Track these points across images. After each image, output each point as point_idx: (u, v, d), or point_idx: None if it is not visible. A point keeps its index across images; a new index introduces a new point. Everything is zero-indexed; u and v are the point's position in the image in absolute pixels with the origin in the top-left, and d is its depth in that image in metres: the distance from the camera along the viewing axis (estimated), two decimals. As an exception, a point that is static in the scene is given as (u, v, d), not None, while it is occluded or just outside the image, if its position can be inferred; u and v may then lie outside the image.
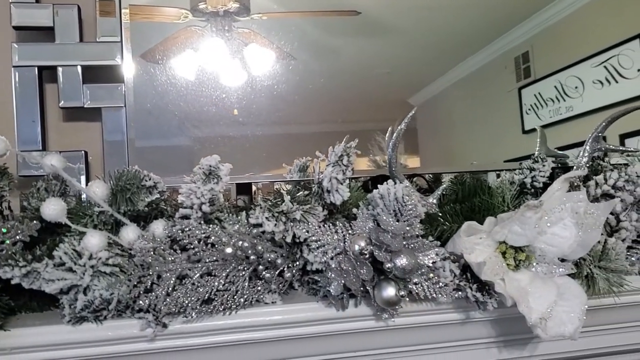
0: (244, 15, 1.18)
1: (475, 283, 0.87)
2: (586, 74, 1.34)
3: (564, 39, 1.38)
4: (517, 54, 1.35)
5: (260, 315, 0.87)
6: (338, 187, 0.86)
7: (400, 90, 1.30)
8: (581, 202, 0.87)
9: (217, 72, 1.14)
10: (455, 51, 1.32)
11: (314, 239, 0.85)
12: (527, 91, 1.36)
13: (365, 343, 0.93)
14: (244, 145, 1.12)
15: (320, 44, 1.24)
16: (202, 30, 1.16)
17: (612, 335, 1.02)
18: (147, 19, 1.14)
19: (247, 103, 1.13)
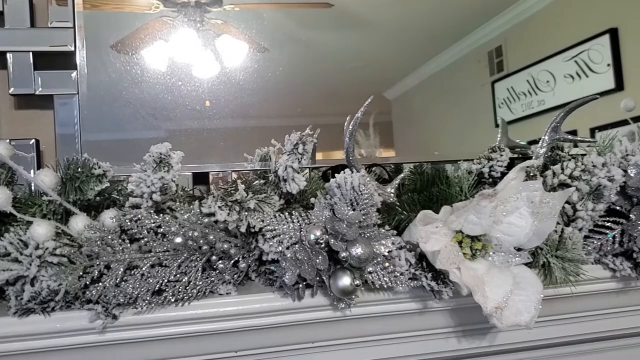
0: (216, 6, 1.16)
1: (431, 272, 0.87)
2: (557, 68, 1.34)
3: (536, 34, 1.38)
4: (490, 48, 1.36)
5: (214, 306, 0.85)
6: (294, 176, 0.85)
7: (375, 84, 1.29)
8: (537, 191, 0.87)
9: (187, 63, 1.12)
10: (429, 45, 1.32)
11: (269, 228, 0.84)
12: (500, 85, 1.37)
13: (323, 333, 0.92)
14: (202, 135, 1.10)
15: (294, 36, 1.22)
16: (174, 21, 1.14)
17: (570, 325, 1.03)
18: (117, 9, 1.12)
19: (215, 93, 1.11)
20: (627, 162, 0.95)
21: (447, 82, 1.33)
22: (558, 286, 0.95)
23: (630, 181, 0.93)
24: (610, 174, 0.92)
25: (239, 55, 1.17)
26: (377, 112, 1.25)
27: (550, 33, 1.39)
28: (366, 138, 1.25)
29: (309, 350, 0.93)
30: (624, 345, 1.08)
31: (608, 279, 0.99)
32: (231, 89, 1.13)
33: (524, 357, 1.06)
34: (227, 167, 1.00)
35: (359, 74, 1.27)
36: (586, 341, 1.06)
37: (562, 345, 1.07)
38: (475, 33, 1.35)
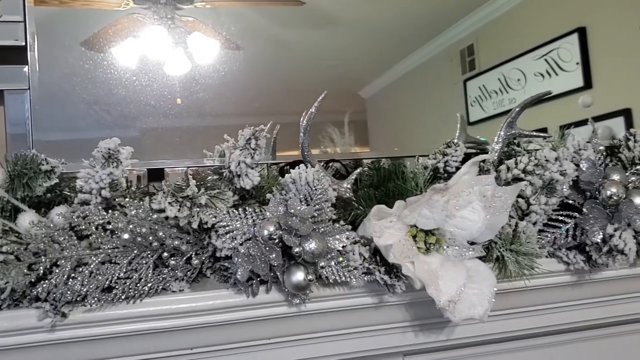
0: (187, 3, 1.15)
1: (384, 266, 0.87)
2: (528, 66, 1.36)
3: (506, 32, 1.40)
4: (462, 47, 1.37)
5: (166, 303, 0.84)
6: (247, 171, 0.84)
7: (350, 83, 1.30)
8: (489, 185, 0.88)
9: (157, 61, 1.11)
10: (403, 44, 1.33)
11: (222, 224, 0.83)
12: (472, 83, 1.38)
13: (280, 329, 0.92)
14: (157, 131, 1.09)
15: (267, 35, 1.23)
16: (144, 18, 1.12)
17: (526, 318, 1.04)
18: (86, 5, 1.11)
19: (172, 89, 1.10)
20: (579, 156, 0.96)
21: (421, 80, 1.34)
22: (513, 280, 0.96)
23: (583, 175, 0.95)
24: (562, 168, 0.93)
25: (210, 53, 1.16)
26: (352, 111, 1.26)
27: (521, 32, 1.41)
28: (341, 136, 1.25)
29: (266, 346, 0.93)
30: (579, 339, 1.10)
31: (562, 272, 1.00)
32: (192, 85, 1.12)
33: (481, 351, 1.07)
34: (183, 164, 0.99)
35: (334, 72, 1.27)
36: (542, 334, 1.08)
37: (519, 339, 1.08)
38: (448, 32, 1.36)
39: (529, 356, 1.10)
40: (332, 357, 0.96)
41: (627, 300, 1.07)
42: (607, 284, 1.04)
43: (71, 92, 1.04)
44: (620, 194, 0.94)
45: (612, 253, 0.93)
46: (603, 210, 0.95)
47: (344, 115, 1.25)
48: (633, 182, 0.99)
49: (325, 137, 1.23)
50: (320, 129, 1.23)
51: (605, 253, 0.94)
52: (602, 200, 0.95)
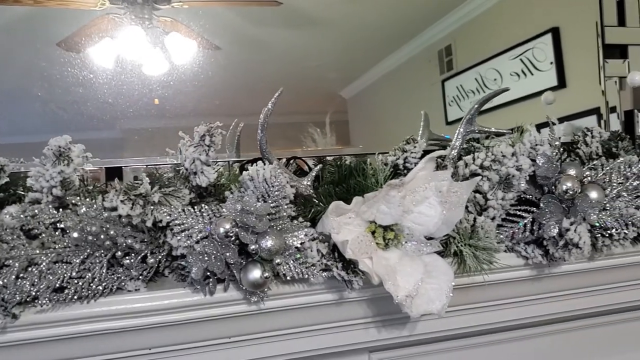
0: (164, 3, 1.14)
1: (342, 262, 0.87)
2: (504, 66, 1.37)
3: (483, 33, 1.41)
4: (440, 48, 1.37)
5: (121, 303, 0.83)
6: (203, 168, 0.84)
7: (330, 83, 1.30)
8: (444, 180, 0.89)
9: (135, 61, 1.11)
10: (382, 45, 1.34)
11: (177, 222, 0.83)
12: (449, 83, 1.39)
13: (240, 328, 0.91)
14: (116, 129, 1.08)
15: (247, 35, 1.23)
16: (121, 18, 1.11)
17: (488, 313, 1.04)
18: (62, 5, 1.10)
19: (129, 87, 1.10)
20: (536, 151, 0.97)
21: (400, 81, 1.34)
22: (473, 274, 0.97)
23: (539, 170, 0.96)
24: (518, 163, 0.94)
25: (188, 53, 1.16)
26: (333, 111, 1.26)
27: (497, 32, 1.42)
28: (323, 136, 1.25)
29: (226, 345, 0.92)
30: (540, 333, 1.11)
31: (521, 267, 1.01)
32: (170, 86, 1.11)
33: (447, 346, 1.08)
34: (142, 162, 0.98)
35: (315, 72, 1.27)
36: (504, 329, 1.09)
37: (482, 334, 1.08)
38: (426, 32, 1.37)
39: (493, 351, 1.12)
40: (295, 354, 0.96)
41: (586, 294, 1.08)
42: (566, 278, 1.05)
43: (29, 90, 1.03)
44: (576, 188, 0.95)
45: (568, 247, 0.94)
46: (559, 204, 0.96)
47: (325, 116, 1.25)
48: (589, 177, 1.00)
49: (307, 137, 1.23)
50: (302, 129, 1.23)
51: (561, 247, 0.95)
52: (559, 194, 0.96)
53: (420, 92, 1.41)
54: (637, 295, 1.12)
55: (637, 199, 1.00)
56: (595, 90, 1.36)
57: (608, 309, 1.12)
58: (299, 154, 1.09)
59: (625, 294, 1.11)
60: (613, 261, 1.06)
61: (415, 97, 1.38)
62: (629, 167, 1.02)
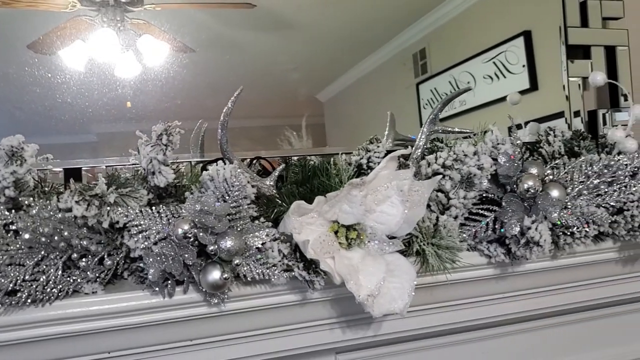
0: (137, 5, 1.13)
1: (304, 262, 0.86)
2: (477, 69, 1.38)
3: (457, 36, 1.41)
4: (415, 51, 1.38)
5: (78, 306, 0.82)
6: (161, 168, 0.83)
7: (307, 86, 1.29)
8: (406, 179, 0.89)
9: (107, 63, 1.10)
10: (357, 48, 1.34)
11: (134, 223, 0.81)
12: (424, 86, 1.39)
13: (202, 330, 0.90)
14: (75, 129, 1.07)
15: (223, 38, 1.22)
16: (93, 20, 1.10)
17: (452, 312, 1.04)
18: (31, 6, 1.08)
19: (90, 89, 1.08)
20: (497, 150, 0.98)
21: (376, 84, 1.34)
22: (436, 274, 0.97)
23: (500, 169, 0.96)
24: (479, 162, 0.94)
25: (161, 56, 1.15)
26: (309, 114, 1.25)
27: (471, 35, 1.43)
28: (299, 139, 1.24)
29: (188, 348, 0.91)
30: (504, 333, 1.12)
31: (485, 266, 1.01)
32: (143, 88, 1.10)
33: (410, 347, 1.08)
34: (102, 163, 0.97)
35: (291, 76, 1.27)
36: (469, 329, 1.09)
37: (448, 334, 1.09)
38: (401, 36, 1.37)
39: (459, 351, 1.12)
40: (260, 356, 0.95)
41: (550, 293, 1.09)
42: (529, 276, 1.06)
43: (14, 96, 1.02)
44: (537, 187, 0.96)
45: (529, 245, 0.95)
46: (521, 203, 0.97)
47: (301, 119, 1.25)
48: (550, 176, 1.00)
49: (283, 140, 1.23)
50: (278, 132, 1.23)
51: (523, 245, 0.95)
52: (520, 193, 0.96)
53: (395, 95, 1.41)
54: (600, 293, 1.13)
55: (598, 198, 1.01)
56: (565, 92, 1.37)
57: (571, 307, 1.13)
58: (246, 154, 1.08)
59: (588, 292, 1.12)
60: (575, 259, 1.07)
61: (391, 100, 1.39)
62: (590, 166, 1.03)
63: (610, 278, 1.13)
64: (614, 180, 1.01)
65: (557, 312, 1.14)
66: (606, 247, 1.09)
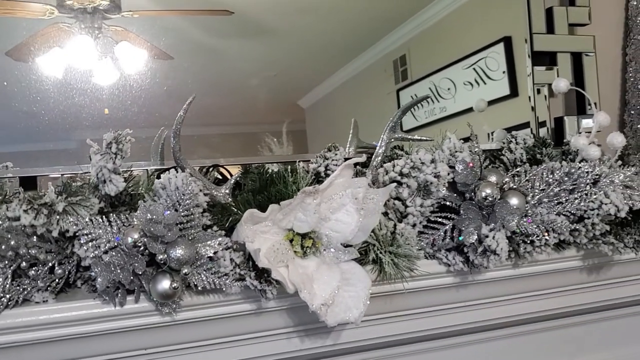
0: (114, 13, 1.13)
1: (256, 271, 0.86)
2: (458, 76, 1.38)
3: (437, 43, 1.41)
4: (395, 57, 1.38)
5: (28, 315, 0.81)
6: (111, 176, 0.82)
7: (288, 93, 1.30)
8: (360, 187, 0.89)
9: (84, 71, 1.10)
10: (338, 55, 1.34)
11: (84, 232, 0.81)
12: (404, 93, 1.39)
13: (156, 339, 0.90)
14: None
15: (202, 45, 1.22)
16: (71, 27, 1.10)
17: (412, 321, 1.04)
18: (8, 13, 1.08)
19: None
20: (455, 158, 0.97)
21: (357, 90, 1.35)
22: (394, 282, 0.96)
23: (458, 177, 0.96)
24: (436, 170, 0.94)
25: (138, 62, 1.15)
26: (290, 121, 1.25)
27: (451, 42, 1.43)
28: (280, 146, 1.24)
29: (142, 357, 0.91)
30: (466, 342, 1.11)
31: (444, 274, 1.01)
32: (120, 96, 1.11)
33: (370, 356, 1.07)
34: (58, 171, 0.96)
35: (272, 82, 1.27)
36: (430, 338, 1.08)
37: (409, 344, 1.08)
38: (381, 42, 1.37)
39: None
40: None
41: (511, 302, 1.08)
42: (490, 285, 1.05)
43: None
44: (495, 195, 0.96)
45: (486, 253, 0.94)
46: (478, 211, 0.96)
47: (281, 125, 1.25)
48: (509, 184, 1.00)
49: (264, 147, 1.22)
50: (259, 139, 1.22)
51: (480, 254, 0.95)
52: (478, 201, 0.96)
53: (376, 101, 1.41)
54: (564, 302, 1.13)
55: (559, 205, 1.00)
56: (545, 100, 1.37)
57: (535, 316, 1.13)
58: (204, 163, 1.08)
59: (552, 300, 1.11)
60: (537, 268, 1.07)
61: (372, 106, 1.39)
62: (551, 174, 1.03)
63: (574, 287, 1.12)
64: (575, 188, 1.01)
65: (520, 321, 1.13)
66: (569, 256, 1.08)
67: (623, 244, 1.03)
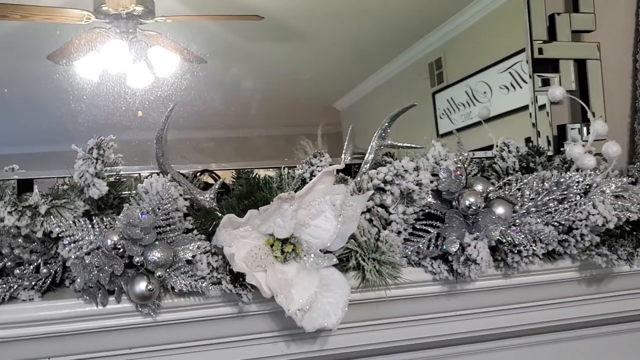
0: (148, 18, 1.17)
1: (230, 275, 0.87)
2: (493, 79, 1.36)
3: (473, 46, 1.40)
4: (430, 60, 1.38)
5: (13, 312, 0.85)
6: (94, 181, 0.85)
7: (323, 96, 1.31)
8: (339, 194, 0.89)
9: (119, 74, 1.15)
10: (373, 58, 1.35)
11: (67, 233, 0.84)
12: (440, 96, 1.38)
13: (140, 340, 0.92)
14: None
15: (234, 48, 1.25)
16: (107, 32, 1.15)
17: (400, 329, 1.03)
18: (48, 19, 1.13)
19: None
20: (439, 166, 0.97)
21: (392, 93, 1.34)
22: (378, 289, 0.96)
23: (441, 185, 0.96)
24: (418, 178, 0.94)
25: (172, 66, 1.19)
26: (325, 123, 1.27)
27: (487, 45, 1.42)
28: (315, 148, 1.25)
29: (127, 356, 0.93)
30: (456, 353, 1.10)
31: (430, 282, 1.00)
32: (154, 99, 1.15)
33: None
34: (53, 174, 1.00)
35: (306, 85, 1.29)
36: (419, 347, 1.07)
37: (397, 352, 1.08)
38: (417, 45, 1.37)
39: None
40: (200, 368, 0.97)
41: (503, 312, 1.06)
42: (481, 294, 1.04)
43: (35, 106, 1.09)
44: (479, 203, 0.94)
45: (467, 262, 0.93)
46: (462, 220, 0.95)
47: (317, 128, 1.26)
48: (495, 192, 0.99)
49: (299, 149, 1.24)
50: (293, 141, 1.24)
51: (462, 263, 0.94)
52: (462, 209, 0.95)
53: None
54: (560, 314, 1.10)
55: (548, 215, 0.98)
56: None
57: (527, 328, 1.10)
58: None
59: (546, 312, 1.09)
60: (529, 278, 1.04)
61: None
62: (541, 183, 1.01)
63: (569, 299, 1.09)
64: (565, 197, 0.99)
65: (512, 334, 1.11)
66: (563, 267, 1.06)
67: (617, 255, 1.00)
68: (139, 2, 1.17)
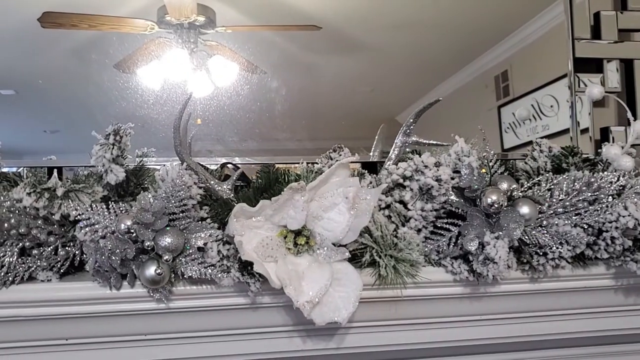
0: (209, 28, 1.22)
1: (240, 263, 0.87)
2: (560, 93, 1.32)
3: (540, 58, 1.38)
4: (496, 73, 1.36)
5: (32, 291, 0.87)
6: (111, 167, 0.87)
7: (385, 108, 1.32)
8: (351, 187, 0.87)
9: (180, 82, 1.21)
10: (437, 70, 1.34)
11: (84, 217, 0.86)
12: (506, 109, 1.36)
13: (154, 326, 0.93)
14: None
15: (295, 60, 1.28)
16: (170, 42, 1.21)
17: (417, 331, 1.00)
18: (114, 29, 1.19)
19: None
20: (462, 162, 0.94)
21: (456, 106, 1.33)
22: (395, 287, 0.93)
23: (462, 182, 0.92)
24: (437, 173, 0.91)
25: (231, 76, 1.23)
26: (387, 136, 1.26)
27: (554, 58, 1.38)
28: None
29: (142, 342, 0.94)
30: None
31: (451, 283, 0.96)
32: (213, 107, 1.19)
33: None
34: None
35: (368, 98, 1.30)
36: (440, 354, 1.03)
37: (417, 358, 1.04)
38: (482, 58, 1.35)
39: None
40: (210, 358, 0.96)
41: (528, 319, 1.01)
42: (507, 298, 0.99)
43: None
44: (502, 201, 0.90)
45: (486, 262, 0.89)
46: (484, 218, 0.92)
47: (380, 142, 1.26)
48: (519, 191, 0.94)
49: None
50: (353, 153, 1.24)
51: (481, 262, 0.90)
52: (484, 208, 0.91)
53: (476, 117, 1.38)
54: (586, 325, 1.02)
55: (577, 217, 0.93)
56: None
57: (556, 338, 1.03)
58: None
59: (572, 323, 1.02)
60: (559, 284, 0.99)
61: (472, 122, 1.35)
62: (572, 183, 0.95)
63: (603, 309, 1.02)
64: (596, 199, 0.93)
65: (537, 344, 1.04)
66: (597, 273, 0.99)
67: (654, 262, 0.93)
68: (200, 12, 1.20)
